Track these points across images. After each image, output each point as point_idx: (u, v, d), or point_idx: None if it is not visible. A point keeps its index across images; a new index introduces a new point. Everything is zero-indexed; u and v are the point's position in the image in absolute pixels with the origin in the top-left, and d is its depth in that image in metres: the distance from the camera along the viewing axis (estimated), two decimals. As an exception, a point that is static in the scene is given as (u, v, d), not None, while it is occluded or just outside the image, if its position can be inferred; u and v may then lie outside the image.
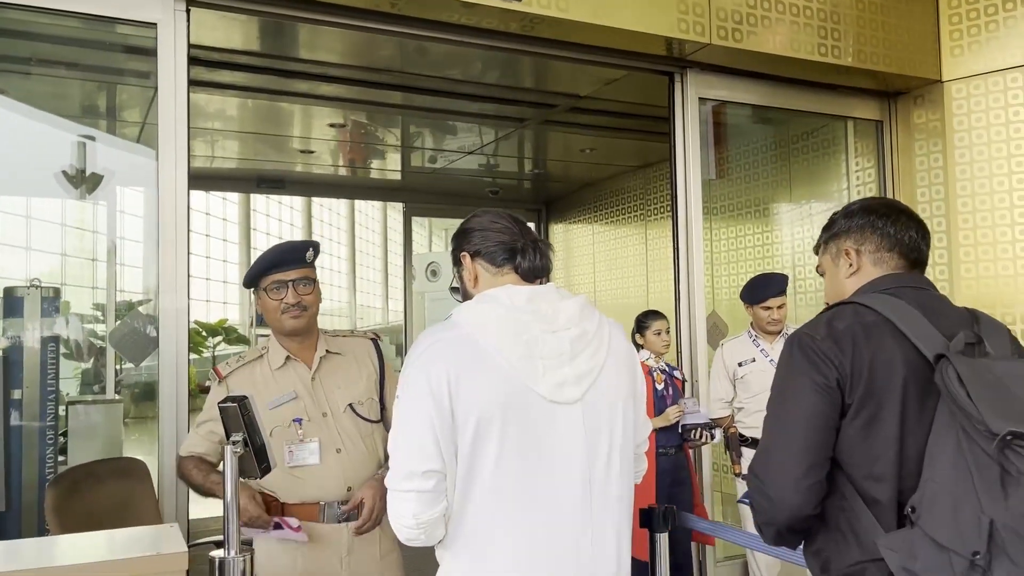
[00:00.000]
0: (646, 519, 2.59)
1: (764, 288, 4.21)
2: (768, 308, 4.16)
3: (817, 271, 1.86)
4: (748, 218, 6.00)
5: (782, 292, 4.19)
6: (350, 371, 2.48)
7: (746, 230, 5.97)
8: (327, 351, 2.47)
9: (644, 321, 4.17)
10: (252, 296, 2.50)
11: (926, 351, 1.48)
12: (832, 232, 1.78)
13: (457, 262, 1.75)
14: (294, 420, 2.34)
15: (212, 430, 2.38)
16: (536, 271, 1.67)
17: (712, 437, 3.99)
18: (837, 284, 1.74)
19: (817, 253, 1.85)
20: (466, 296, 1.73)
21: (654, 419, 3.88)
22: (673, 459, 3.99)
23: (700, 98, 4.33)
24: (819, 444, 1.47)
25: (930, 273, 4.73)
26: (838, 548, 1.48)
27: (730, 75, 4.39)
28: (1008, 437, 1.29)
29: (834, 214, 1.81)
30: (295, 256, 2.41)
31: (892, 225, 1.69)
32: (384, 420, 2.54)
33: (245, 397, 1.92)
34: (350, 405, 2.42)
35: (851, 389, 1.49)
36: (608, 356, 1.64)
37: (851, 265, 1.71)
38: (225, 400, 1.91)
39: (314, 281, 2.43)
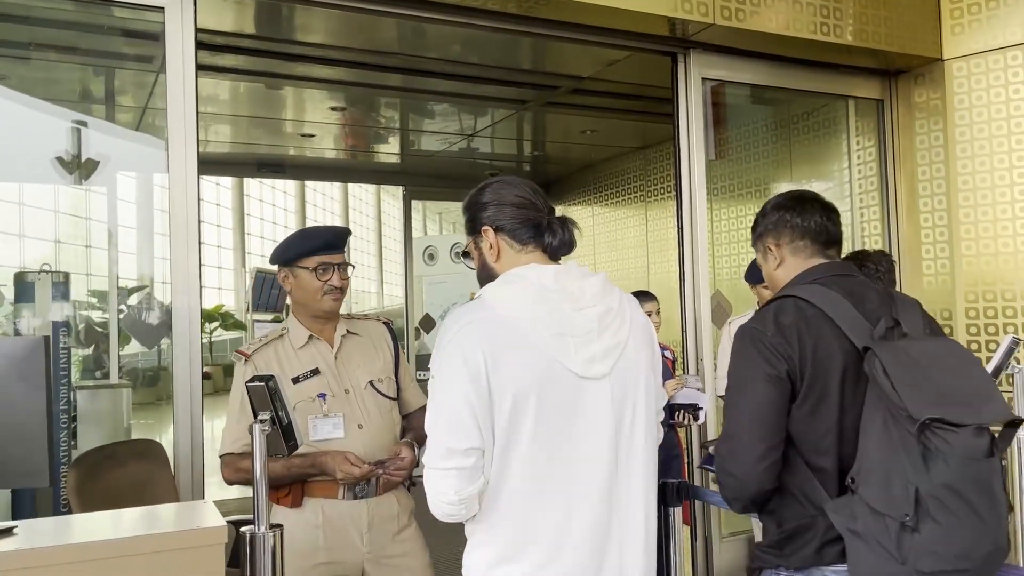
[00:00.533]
0: (659, 493, 2.63)
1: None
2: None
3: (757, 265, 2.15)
4: (750, 198, 6.03)
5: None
6: (368, 351, 2.53)
7: (748, 210, 6.01)
8: (347, 331, 2.52)
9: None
10: (280, 273, 2.48)
11: (856, 341, 1.73)
12: (757, 232, 2.03)
13: (474, 232, 1.75)
14: (319, 395, 2.38)
15: (247, 415, 2.38)
16: (564, 246, 1.70)
17: (696, 418, 3.96)
18: (771, 277, 2.00)
19: (755, 248, 2.10)
20: (484, 267, 1.74)
21: None
22: (665, 437, 4.01)
23: (704, 78, 4.34)
24: (774, 429, 1.72)
25: (930, 251, 4.80)
26: (790, 507, 1.74)
27: (733, 55, 4.40)
28: (927, 421, 1.55)
29: (757, 214, 2.05)
30: (341, 241, 2.47)
31: (799, 216, 1.93)
32: (400, 399, 2.58)
33: (272, 376, 1.95)
34: (370, 382, 2.47)
35: (800, 379, 1.72)
36: (631, 331, 1.68)
37: (775, 258, 1.97)
38: (253, 379, 1.94)
39: (350, 266, 2.49)
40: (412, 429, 2.54)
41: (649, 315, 4.08)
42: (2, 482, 1.58)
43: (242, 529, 1.83)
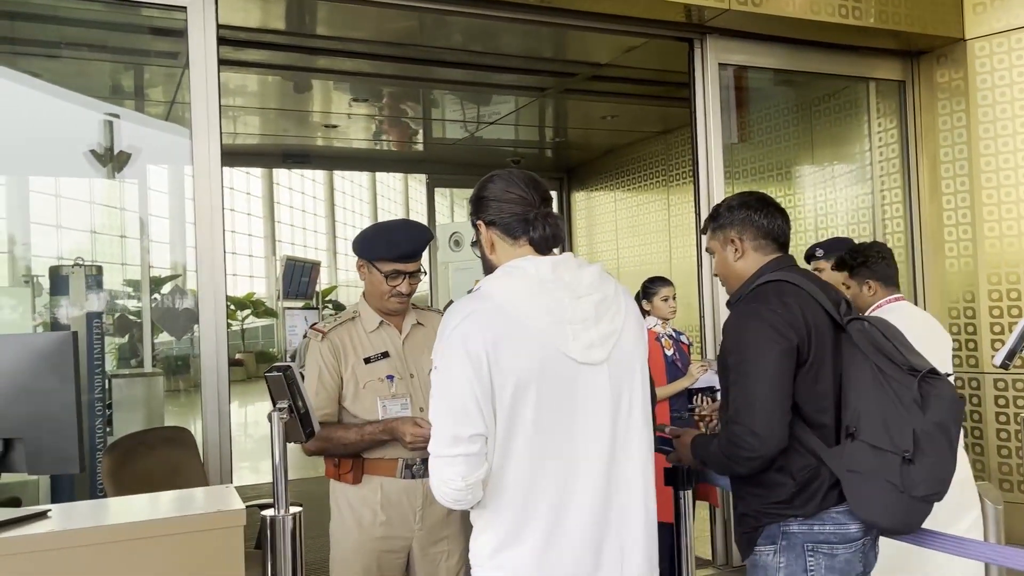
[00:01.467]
0: (670, 478, 2.69)
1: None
2: None
3: (706, 251, 2.33)
4: (770, 181, 6.01)
5: (807, 259, 4.20)
6: (432, 341, 2.60)
7: (769, 193, 5.97)
8: (416, 322, 2.61)
9: (651, 287, 4.12)
10: (359, 261, 2.54)
11: (835, 315, 2.03)
12: (718, 223, 2.21)
13: (474, 226, 1.83)
14: (387, 376, 2.48)
15: (328, 384, 2.46)
16: (548, 242, 1.74)
17: (714, 400, 3.97)
18: (727, 265, 2.20)
19: (703, 234, 2.31)
20: (484, 259, 1.82)
21: (675, 382, 3.93)
22: (685, 424, 4.04)
23: (720, 63, 4.35)
24: (788, 393, 1.95)
25: (952, 232, 4.77)
26: (793, 459, 1.96)
27: (750, 40, 4.40)
28: (925, 373, 1.91)
29: (717, 207, 2.25)
30: (421, 251, 2.54)
31: (765, 217, 2.15)
32: None
33: (289, 366, 2.03)
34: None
35: (807, 349, 1.97)
36: (625, 319, 1.74)
37: (737, 251, 2.16)
38: (271, 369, 2.02)
39: (423, 272, 2.55)
40: None
41: (666, 300, 4.11)
42: (36, 468, 1.67)
43: (263, 512, 1.93)
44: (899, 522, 1.94)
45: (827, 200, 5.59)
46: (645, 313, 4.14)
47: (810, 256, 3.69)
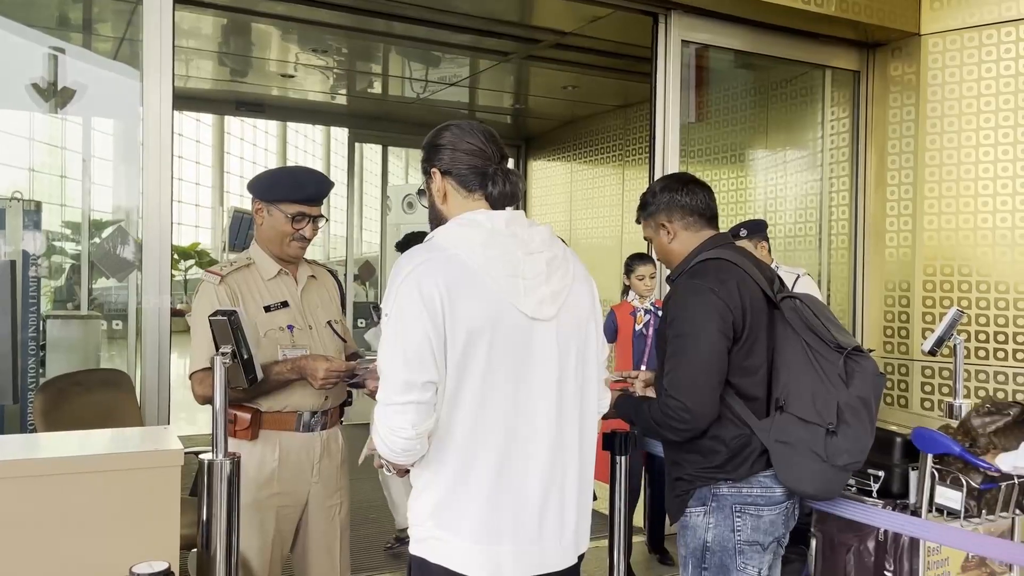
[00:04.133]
0: (608, 442, 2.74)
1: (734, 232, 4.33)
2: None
3: (645, 239, 2.42)
4: (723, 163, 6.10)
5: (744, 237, 4.30)
6: (324, 294, 2.60)
7: (722, 175, 6.07)
8: (311, 274, 2.58)
9: (630, 264, 4.23)
10: (255, 204, 2.48)
11: (769, 292, 2.14)
12: (648, 211, 2.31)
13: (426, 173, 1.79)
14: (288, 326, 2.44)
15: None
16: (505, 198, 1.72)
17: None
18: (664, 248, 2.30)
19: (638, 224, 2.40)
20: (433, 210, 1.78)
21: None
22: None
23: (683, 40, 4.36)
24: (722, 370, 2.06)
25: (894, 223, 4.91)
26: (727, 428, 2.09)
27: (714, 18, 4.42)
28: (849, 351, 2.06)
29: (644, 195, 2.34)
30: (324, 194, 2.51)
31: (687, 196, 2.24)
32: (347, 342, 2.66)
33: (235, 311, 2.01)
34: (328, 322, 2.55)
35: (743, 326, 2.07)
36: (574, 278, 1.75)
37: (669, 233, 2.26)
38: (216, 313, 2.00)
39: (324, 219, 2.52)
40: None
41: (641, 279, 4.17)
42: (-33, 397, 1.63)
43: (200, 456, 1.91)
44: (820, 489, 2.09)
45: (776, 185, 5.70)
46: (627, 288, 4.24)
47: (734, 235, 3.83)
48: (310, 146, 33.96)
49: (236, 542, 1.96)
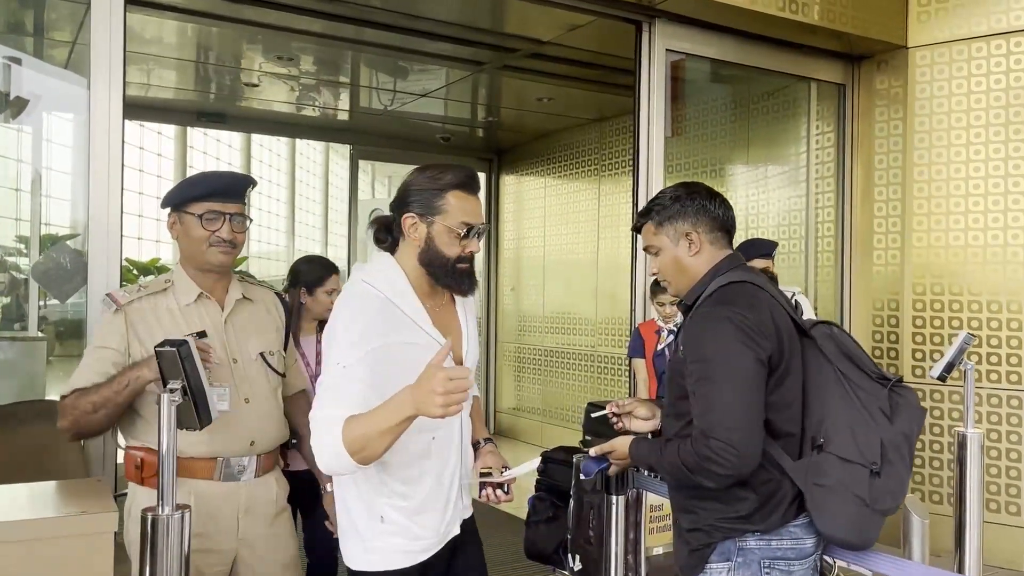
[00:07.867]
0: (604, 483, 2.50)
1: (747, 251, 4.12)
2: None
3: (646, 251, 2.07)
4: (704, 177, 5.93)
5: (766, 255, 4.08)
6: (262, 320, 2.30)
7: (702, 189, 5.90)
8: (242, 295, 2.28)
9: (655, 289, 4.11)
10: (169, 219, 2.20)
11: (797, 319, 1.95)
12: (666, 215, 1.99)
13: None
14: None
15: (112, 360, 2.08)
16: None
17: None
18: (680, 262, 1.98)
19: (637, 232, 2.09)
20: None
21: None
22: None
23: (668, 49, 4.20)
24: (763, 406, 1.81)
25: (882, 240, 4.77)
26: (758, 475, 1.83)
27: (698, 27, 4.27)
28: (894, 383, 1.88)
29: (657, 200, 2.02)
30: (237, 188, 2.21)
31: (719, 207, 2.00)
32: (287, 377, 2.38)
33: (185, 341, 1.76)
34: (261, 354, 2.25)
35: (779, 357, 1.84)
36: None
37: (693, 244, 1.96)
38: (163, 343, 1.75)
39: (247, 219, 2.21)
40: (297, 414, 2.33)
41: (662, 306, 4.05)
42: None
43: (143, 511, 1.65)
44: (859, 536, 1.84)
45: (759, 200, 5.55)
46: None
47: (767, 254, 3.65)
48: (275, 160, 33.54)
49: (185, 609, 1.70)
